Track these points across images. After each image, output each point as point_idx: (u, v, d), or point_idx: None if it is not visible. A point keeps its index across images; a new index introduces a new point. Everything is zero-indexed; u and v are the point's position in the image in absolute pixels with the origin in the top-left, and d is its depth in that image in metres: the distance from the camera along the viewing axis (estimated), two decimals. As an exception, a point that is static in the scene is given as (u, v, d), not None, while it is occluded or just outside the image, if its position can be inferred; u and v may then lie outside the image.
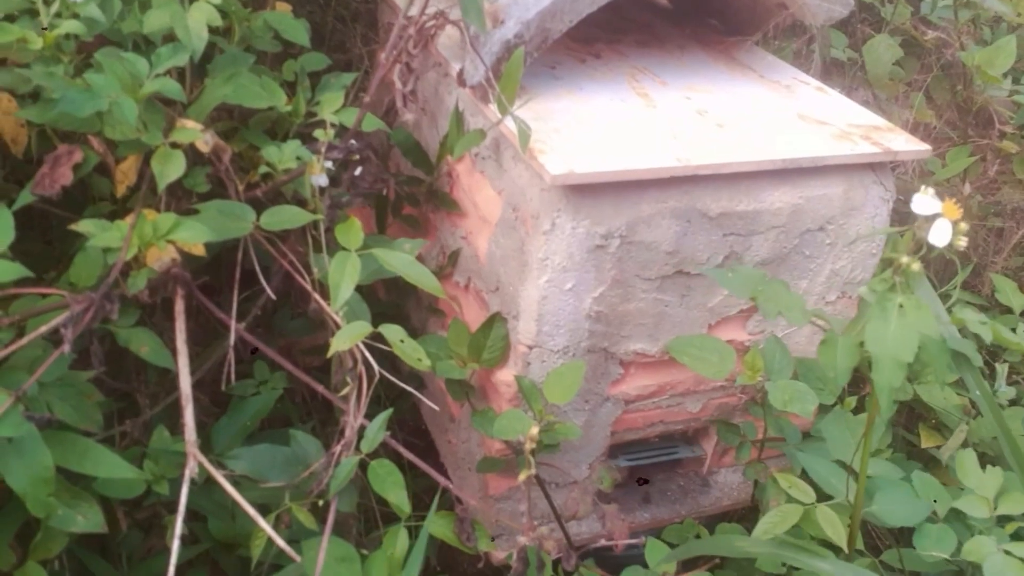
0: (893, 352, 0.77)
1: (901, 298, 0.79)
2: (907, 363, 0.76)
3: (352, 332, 0.88)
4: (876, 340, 0.78)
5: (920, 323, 0.76)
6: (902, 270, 0.80)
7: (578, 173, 1.00)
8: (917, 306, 0.78)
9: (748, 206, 1.13)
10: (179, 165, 0.87)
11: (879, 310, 0.78)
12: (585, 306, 1.15)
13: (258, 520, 0.81)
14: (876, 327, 0.78)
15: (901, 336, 0.76)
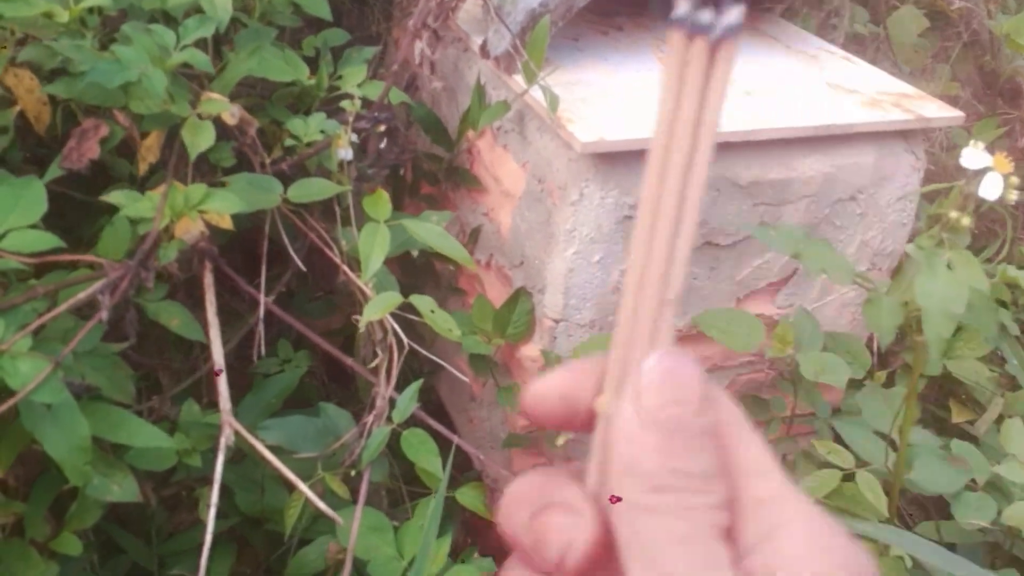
0: (943, 305, 0.78)
1: (949, 253, 0.80)
2: (957, 315, 0.77)
3: (383, 302, 0.89)
4: (926, 294, 0.78)
5: (970, 277, 0.77)
6: (950, 225, 0.81)
7: (608, 141, 1.00)
8: (966, 261, 0.79)
9: (779, 174, 1.13)
10: (209, 136, 0.88)
11: (927, 265, 0.79)
12: (613, 279, 1.16)
13: (298, 484, 0.82)
14: (925, 281, 0.79)
15: (951, 289, 0.77)
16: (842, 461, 1.09)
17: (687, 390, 0.27)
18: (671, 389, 0.27)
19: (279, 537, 1.08)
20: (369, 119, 0.95)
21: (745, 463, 0.28)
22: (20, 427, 0.73)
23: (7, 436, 0.77)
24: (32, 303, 0.77)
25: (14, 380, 0.69)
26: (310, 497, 0.82)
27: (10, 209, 0.79)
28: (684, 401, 0.27)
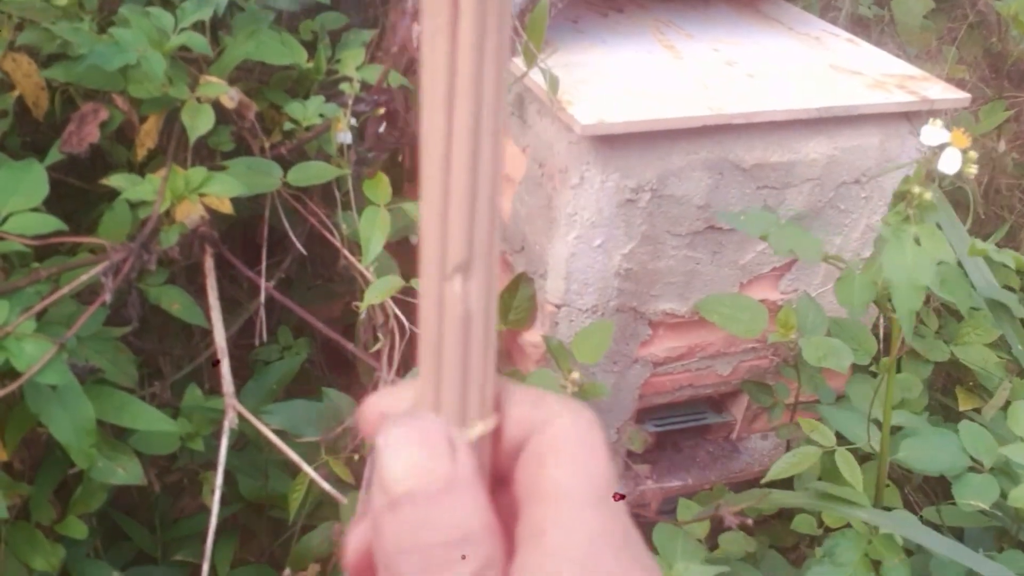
0: (910, 277, 0.81)
1: (916, 228, 0.83)
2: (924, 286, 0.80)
3: (384, 286, 0.91)
4: (893, 268, 0.82)
5: (935, 250, 0.80)
6: (915, 201, 0.84)
7: (608, 123, 1.02)
8: (932, 235, 0.82)
9: (783, 157, 1.15)
10: (209, 119, 0.90)
11: (895, 240, 0.82)
12: (614, 263, 1.18)
13: (302, 465, 0.85)
14: (892, 256, 0.82)
15: (917, 262, 0.80)
16: (824, 440, 1.12)
17: (424, 454, 0.25)
18: (406, 460, 0.25)
19: (282, 524, 1.10)
20: (368, 102, 0.97)
21: (543, 487, 0.26)
22: (25, 409, 0.75)
23: (12, 419, 0.79)
24: (35, 286, 0.79)
25: (19, 361, 0.71)
26: (315, 478, 0.84)
27: (11, 192, 0.81)
28: (422, 471, 0.25)
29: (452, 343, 0.27)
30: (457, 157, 0.26)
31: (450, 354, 0.27)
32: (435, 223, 0.27)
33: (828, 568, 1.07)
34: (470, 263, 0.27)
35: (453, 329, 0.27)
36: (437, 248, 0.27)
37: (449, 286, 0.27)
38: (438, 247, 0.27)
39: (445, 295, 0.27)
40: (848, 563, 1.06)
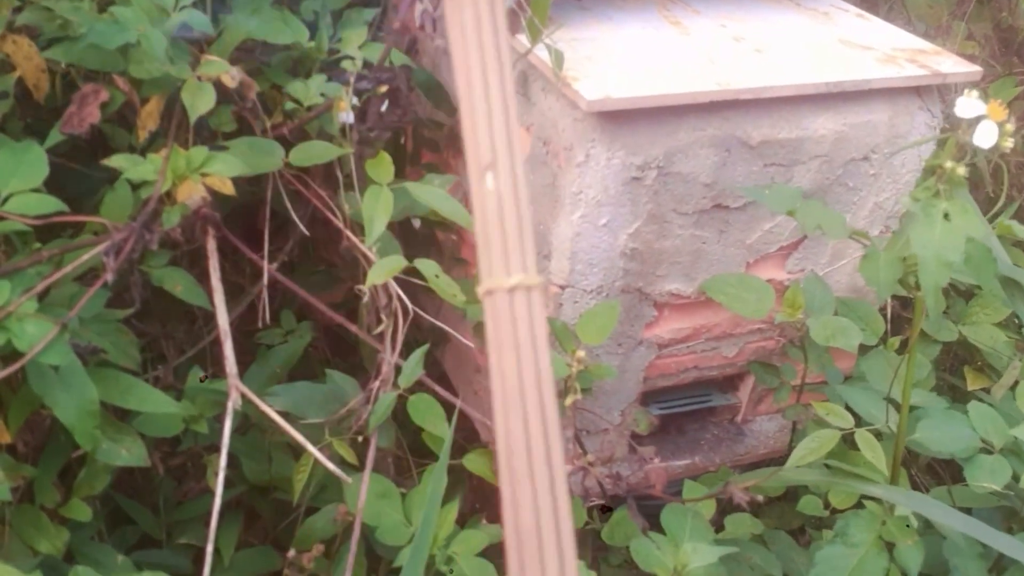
0: (938, 253, 0.80)
1: (945, 204, 0.82)
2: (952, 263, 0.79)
3: (387, 266, 0.91)
4: (922, 243, 0.80)
5: (967, 226, 0.79)
6: (946, 176, 0.83)
7: (615, 99, 1.02)
8: (963, 210, 0.81)
9: (790, 133, 1.15)
10: (209, 98, 0.90)
11: (924, 216, 0.81)
12: (620, 243, 1.17)
13: (306, 445, 0.85)
14: (921, 231, 0.80)
15: (947, 238, 0.79)
16: (842, 422, 1.12)
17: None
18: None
19: (286, 507, 1.11)
20: (371, 80, 0.97)
21: None
22: (28, 391, 0.76)
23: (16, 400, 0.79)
24: (37, 267, 0.79)
25: (21, 341, 0.71)
26: (319, 458, 0.85)
27: (11, 173, 0.81)
28: None
29: (492, 220, 0.39)
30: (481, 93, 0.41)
31: (491, 228, 0.39)
32: (471, 138, 0.41)
33: (840, 548, 1.07)
34: (495, 162, 0.40)
35: (491, 210, 0.39)
36: (473, 157, 0.40)
37: (483, 182, 0.40)
38: (474, 155, 0.40)
39: (483, 188, 0.40)
40: (861, 543, 1.06)
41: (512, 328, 0.36)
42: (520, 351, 0.36)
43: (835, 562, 1.03)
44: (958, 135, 0.82)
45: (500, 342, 0.37)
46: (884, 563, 1.01)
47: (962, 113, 0.81)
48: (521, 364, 0.36)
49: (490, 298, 0.37)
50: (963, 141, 0.82)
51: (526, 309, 0.37)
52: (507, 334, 0.36)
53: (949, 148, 0.83)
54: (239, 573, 1.06)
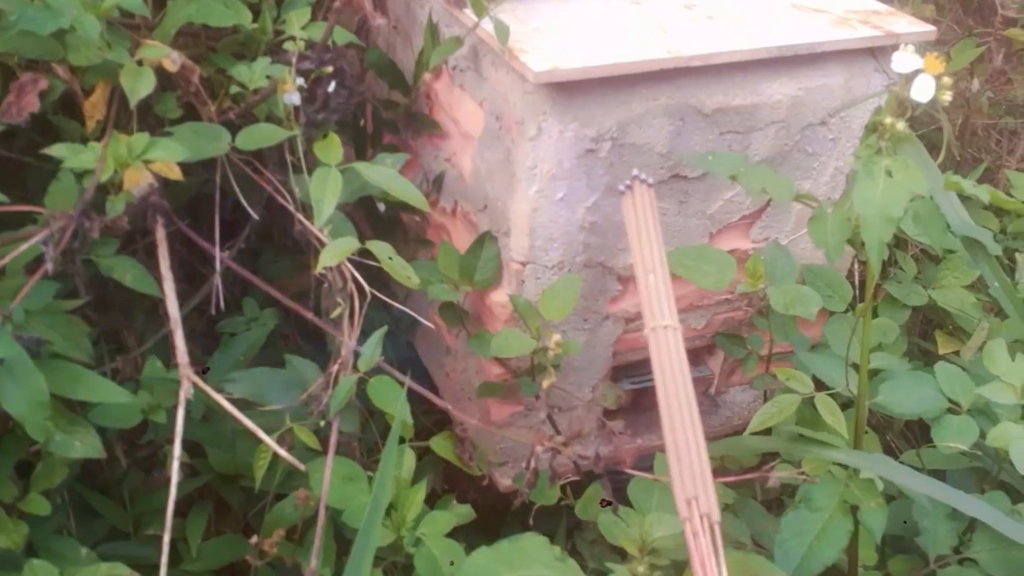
0: (881, 210, 0.80)
1: (888, 160, 0.83)
2: (896, 219, 0.80)
3: (339, 248, 0.91)
4: (864, 201, 0.81)
5: (909, 182, 0.80)
6: (888, 132, 0.83)
7: (563, 69, 1.02)
8: (905, 167, 0.82)
9: (745, 100, 1.16)
10: (149, 82, 0.90)
11: (866, 174, 0.82)
12: (578, 217, 1.18)
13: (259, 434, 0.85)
14: (863, 189, 0.81)
15: (889, 194, 0.80)
16: (802, 387, 1.14)
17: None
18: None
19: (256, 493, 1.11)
20: (313, 60, 0.97)
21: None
22: (-26, 386, 0.76)
23: (-37, 395, 0.79)
24: (-22, 260, 0.79)
25: (-37, 335, 0.71)
26: (274, 448, 0.85)
27: (-52, 167, 0.81)
28: None
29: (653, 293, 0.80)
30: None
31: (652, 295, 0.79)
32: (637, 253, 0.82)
33: (805, 513, 1.09)
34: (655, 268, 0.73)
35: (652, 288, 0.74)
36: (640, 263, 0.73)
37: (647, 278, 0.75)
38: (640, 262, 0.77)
39: (647, 279, 0.74)
40: (825, 508, 1.08)
41: (667, 348, 0.65)
42: (670, 360, 0.65)
43: (800, 527, 1.05)
44: (896, 90, 0.83)
45: (659, 353, 0.66)
46: (849, 526, 1.02)
47: (898, 68, 0.82)
48: (672, 367, 0.62)
49: (653, 333, 0.66)
50: (902, 96, 0.82)
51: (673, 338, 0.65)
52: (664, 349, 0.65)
53: (890, 104, 0.84)
54: (207, 562, 1.07)
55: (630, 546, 0.95)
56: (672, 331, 0.66)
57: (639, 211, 0.79)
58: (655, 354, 0.66)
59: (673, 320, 0.66)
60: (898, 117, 0.84)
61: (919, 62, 0.81)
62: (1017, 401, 1.19)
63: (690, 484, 0.57)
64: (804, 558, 1.05)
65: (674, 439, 0.60)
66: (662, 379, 0.66)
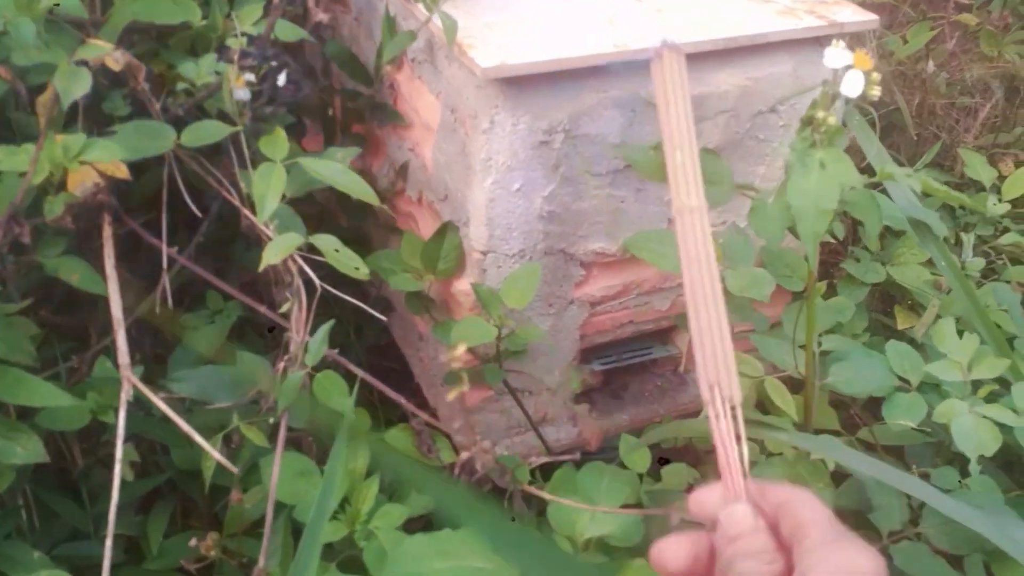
0: (815, 202, 0.78)
1: (821, 153, 0.79)
2: (829, 211, 0.77)
3: (283, 244, 0.86)
4: (798, 193, 0.79)
5: (841, 174, 0.76)
6: (820, 125, 0.80)
7: (510, 65, 0.97)
8: (838, 158, 0.79)
9: (694, 90, 1.09)
10: (84, 82, 0.84)
11: (800, 166, 0.79)
12: (536, 206, 1.13)
13: (193, 435, 0.80)
14: (797, 181, 0.79)
15: (822, 187, 0.77)
16: (752, 370, 1.09)
17: (741, 524, 0.50)
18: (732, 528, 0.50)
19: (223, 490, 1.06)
20: (256, 56, 0.91)
21: (799, 523, 0.48)
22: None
23: None
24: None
25: None
26: (205, 447, 0.80)
27: None
28: (738, 528, 0.50)
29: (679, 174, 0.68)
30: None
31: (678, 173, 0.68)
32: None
33: (755, 493, 1.04)
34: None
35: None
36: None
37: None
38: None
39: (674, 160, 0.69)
40: (774, 487, 1.04)
41: (692, 231, 0.62)
42: (695, 244, 0.62)
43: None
44: (828, 85, 0.79)
45: (685, 236, 0.62)
46: (797, 507, 0.98)
47: (830, 64, 0.79)
48: (698, 251, 0.61)
49: (679, 214, 0.63)
50: (833, 91, 0.79)
51: (700, 220, 0.63)
52: (690, 232, 0.62)
53: (823, 98, 0.80)
54: (170, 560, 1.02)
55: (562, 540, 0.91)
56: (698, 213, 0.63)
57: (668, 83, 0.73)
58: (681, 237, 0.63)
59: (700, 201, 0.64)
60: (830, 112, 0.79)
61: (850, 57, 0.77)
62: (963, 378, 1.14)
63: (712, 370, 0.59)
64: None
65: (698, 325, 0.60)
66: (687, 263, 0.63)
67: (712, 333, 0.58)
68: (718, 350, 0.58)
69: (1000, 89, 1.98)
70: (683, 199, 0.63)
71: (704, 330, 0.59)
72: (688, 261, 0.62)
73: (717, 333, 0.59)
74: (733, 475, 0.53)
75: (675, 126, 0.67)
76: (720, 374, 0.59)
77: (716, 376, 0.57)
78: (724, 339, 0.60)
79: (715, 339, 0.58)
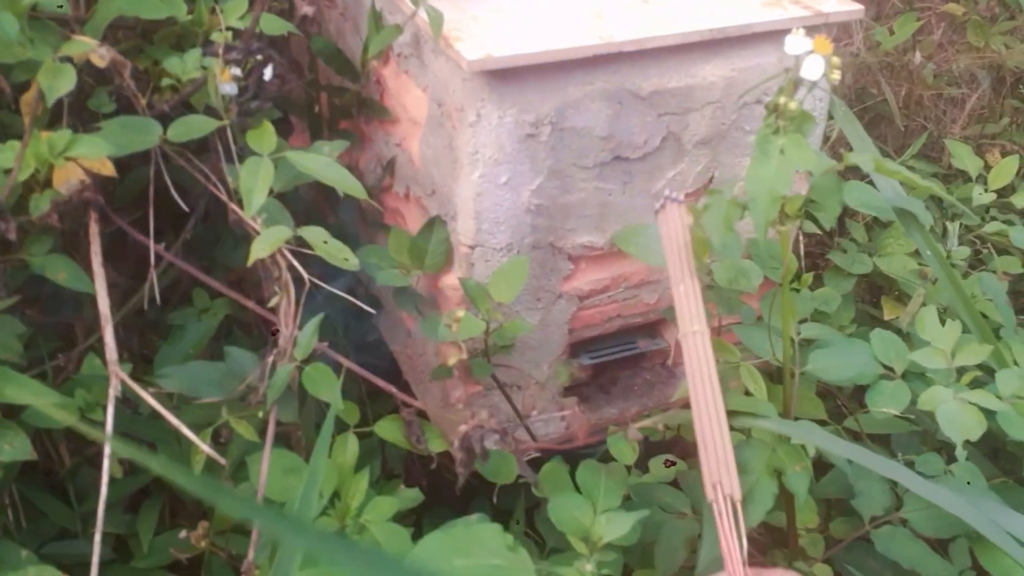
0: (770, 188, 0.78)
1: (783, 139, 0.80)
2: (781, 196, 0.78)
3: (271, 237, 0.86)
4: (755, 180, 0.79)
5: (801, 160, 0.77)
6: (782, 112, 0.80)
7: (496, 57, 0.97)
8: (798, 145, 0.79)
9: (680, 82, 1.10)
10: (69, 79, 0.83)
11: (760, 153, 0.80)
12: (523, 200, 1.13)
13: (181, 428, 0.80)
14: (756, 168, 0.79)
15: (779, 173, 0.78)
16: (729, 355, 1.10)
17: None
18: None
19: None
20: (240, 50, 0.91)
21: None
22: None
23: None
24: None
25: None
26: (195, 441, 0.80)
27: None
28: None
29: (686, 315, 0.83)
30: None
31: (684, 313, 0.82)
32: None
33: (734, 477, 1.05)
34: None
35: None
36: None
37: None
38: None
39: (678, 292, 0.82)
40: (753, 472, 1.04)
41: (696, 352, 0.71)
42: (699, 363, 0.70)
43: (728, 491, 1.01)
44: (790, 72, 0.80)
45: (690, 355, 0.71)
46: (774, 489, 0.99)
47: (791, 51, 0.80)
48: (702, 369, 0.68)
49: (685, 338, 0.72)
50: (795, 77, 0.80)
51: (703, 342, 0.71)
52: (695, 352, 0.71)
53: (788, 84, 0.81)
54: (159, 558, 1.02)
55: (577, 543, 0.91)
56: (701, 336, 0.73)
57: (671, 227, 0.87)
58: (687, 357, 0.73)
59: (702, 325, 0.73)
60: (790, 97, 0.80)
61: (808, 44, 0.79)
62: (947, 365, 1.15)
63: (715, 471, 0.65)
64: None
65: (702, 432, 0.67)
66: (693, 379, 0.71)
67: (715, 439, 0.66)
68: (720, 453, 0.66)
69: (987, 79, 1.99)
70: (687, 325, 0.75)
71: (707, 436, 0.67)
72: (693, 376, 0.71)
73: (719, 439, 0.67)
74: (735, 563, 0.60)
75: (677, 263, 0.81)
76: (722, 474, 0.66)
77: (718, 476, 0.64)
78: (725, 444, 0.67)
79: (717, 444, 0.66)
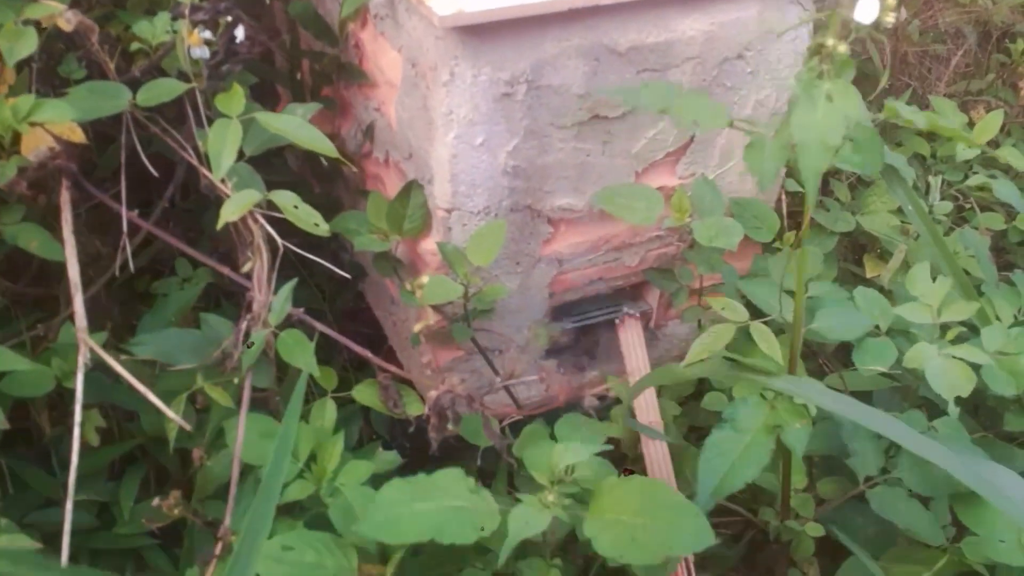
0: (820, 136, 0.73)
1: (828, 84, 0.75)
2: (834, 147, 0.73)
3: (240, 201, 0.84)
4: (802, 126, 0.74)
5: (848, 107, 0.73)
6: (829, 55, 0.75)
7: (468, 13, 0.95)
8: (845, 91, 0.74)
9: (659, 37, 1.09)
10: (30, 42, 0.82)
11: (806, 98, 0.74)
12: (500, 161, 1.12)
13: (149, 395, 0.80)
14: (802, 114, 0.74)
15: (828, 120, 0.72)
16: (736, 315, 1.08)
17: None
18: None
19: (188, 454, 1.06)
20: (207, 10, 0.89)
21: None
22: None
23: None
24: None
25: None
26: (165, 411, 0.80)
27: None
28: None
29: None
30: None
31: None
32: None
33: (729, 433, 1.04)
34: None
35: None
36: None
37: None
38: None
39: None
40: (749, 429, 1.04)
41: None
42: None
43: (723, 447, 1.01)
44: (840, 11, 0.74)
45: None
46: (771, 446, 0.98)
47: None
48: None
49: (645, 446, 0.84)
50: (846, 18, 0.74)
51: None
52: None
53: (833, 25, 0.75)
54: (140, 524, 1.02)
55: (540, 476, 0.91)
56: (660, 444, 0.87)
57: (630, 340, 0.97)
58: (647, 456, 0.90)
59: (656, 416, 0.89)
60: (841, 39, 0.75)
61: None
62: (933, 321, 1.14)
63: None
64: (726, 476, 1.01)
65: None
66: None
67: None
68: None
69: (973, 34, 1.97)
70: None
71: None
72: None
73: None
74: None
75: (636, 373, 0.87)
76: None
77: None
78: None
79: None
